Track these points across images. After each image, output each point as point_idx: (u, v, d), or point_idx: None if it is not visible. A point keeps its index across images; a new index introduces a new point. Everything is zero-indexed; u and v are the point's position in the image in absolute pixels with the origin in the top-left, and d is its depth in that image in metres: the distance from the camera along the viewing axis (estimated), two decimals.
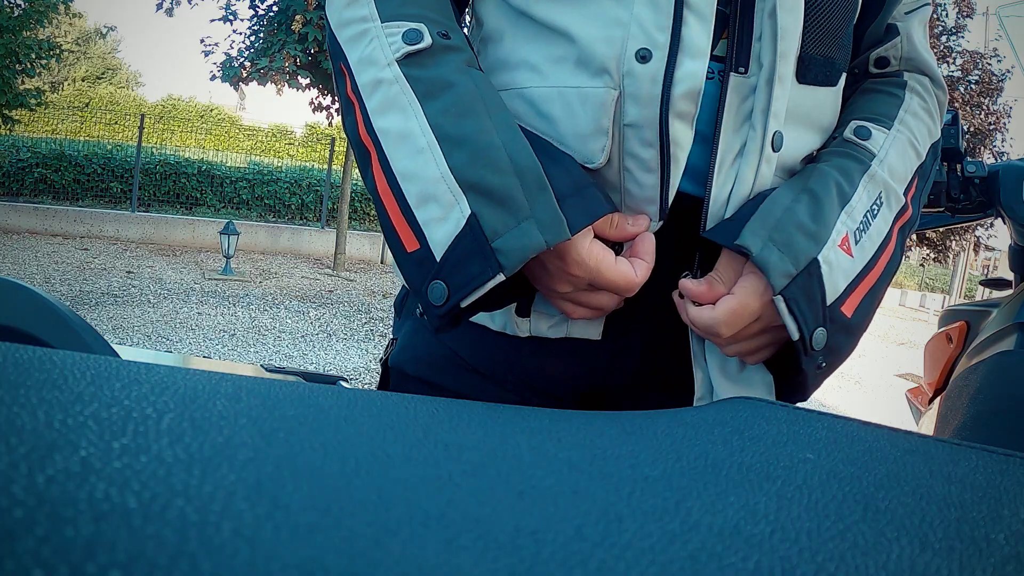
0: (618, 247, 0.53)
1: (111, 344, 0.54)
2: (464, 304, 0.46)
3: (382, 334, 5.38)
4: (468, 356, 0.62)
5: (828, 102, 0.59)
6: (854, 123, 0.60)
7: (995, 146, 11.82)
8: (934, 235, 11.70)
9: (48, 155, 8.95)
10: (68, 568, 0.13)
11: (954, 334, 1.34)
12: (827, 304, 0.51)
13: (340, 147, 9.42)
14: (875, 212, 0.55)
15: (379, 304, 6.56)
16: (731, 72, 0.52)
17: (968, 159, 1.20)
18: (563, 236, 0.46)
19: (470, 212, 0.46)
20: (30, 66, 7.98)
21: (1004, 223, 1.25)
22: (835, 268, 0.51)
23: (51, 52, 8.21)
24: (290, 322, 5.33)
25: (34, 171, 8.83)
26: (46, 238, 7.67)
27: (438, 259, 0.47)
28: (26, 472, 0.17)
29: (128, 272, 6.38)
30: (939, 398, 1.22)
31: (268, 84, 7.79)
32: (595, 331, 0.57)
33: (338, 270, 8.00)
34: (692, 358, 0.56)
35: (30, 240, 7.42)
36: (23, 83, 8.21)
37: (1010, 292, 1.27)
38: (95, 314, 4.79)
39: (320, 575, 0.15)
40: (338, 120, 8.14)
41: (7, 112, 7.96)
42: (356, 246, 9.17)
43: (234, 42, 8.20)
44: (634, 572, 0.18)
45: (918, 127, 0.62)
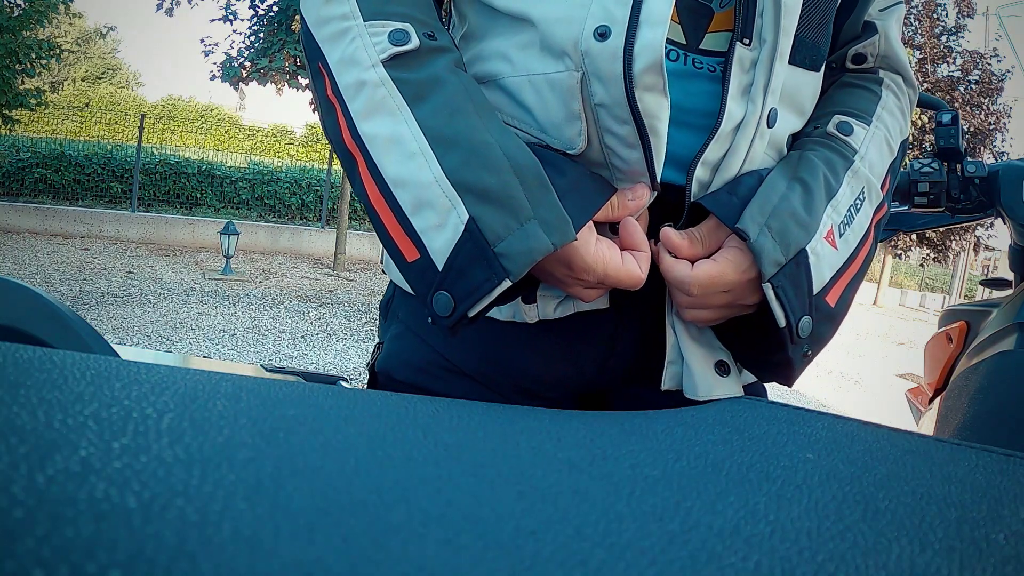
0: (617, 225, 0.53)
1: (111, 344, 0.54)
2: (471, 314, 0.45)
3: None
4: (455, 359, 0.61)
5: (811, 87, 0.59)
6: (836, 117, 0.60)
7: (995, 146, 11.83)
8: (934, 235, 11.71)
9: (48, 155, 8.95)
10: (68, 568, 0.13)
11: (954, 334, 1.34)
12: (813, 293, 0.52)
13: None
14: (858, 207, 0.57)
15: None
16: (737, 42, 0.52)
17: (968, 159, 1.20)
18: (569, 237, 0.45)
19: (468, 216, 0.44)
20: (30, 66, 7.99)
21: (1004, 223, 1.25)
22: (821, 259, 0.52)
23: (51, 52, 8.21)
24: (290, 322, 5.33)
25: (34, 171, 8.83)
26: (46, 238, 7.67)
27: (440, 268, 0.45)
28: (26, 472, 0.17)
29: (128, 272, 6.38)
30: (939, 398, 1.22)
31: (268, 84, 7.81)
32: (603, 301, 0.57)
33: (338, 270, 8.00)
34: (665, 319, 0.56)
35: (30, 240, 7.42)
36: (23, 83, 8.21)
37: (1010, 292, 1.27)
38: (95, 314, 4.79)
39: (320, 575, 0.15)
40: None
41: (7, 112, 7.97)
42: (356, 246, 9.17)
43: (234, 42, 8.20)
44: (634, 572, 0.18)
45: (893, 124, 0.63)
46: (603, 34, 0.48)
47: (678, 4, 0.52)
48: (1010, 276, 1.35)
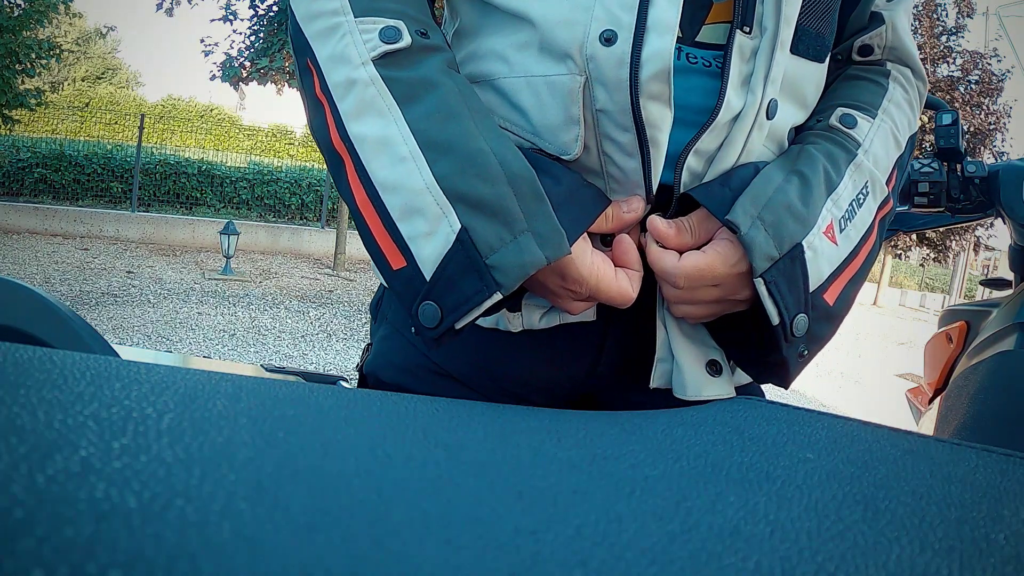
0: (609, 237, 0.52)
1: (111, 344, 0.54)
2: (458, 325, 0.44)
3: None
4: (443, 362, 0.60)
5: (814, 78, 0.57)
6: (840, 110, 0.58)
7: (995, 146, 11.83)
8: (934, 235, 11.71)
9: (48, 155, 8.95)
10: (68, 568, 0.13)
11: (954, 334, 1.34)
12: (809, 290, 0.50)
13: None
14: (860, 202, 0.55)
15: None
16: (737, 30, 0.50)
17: (968, 159, 1.20)
18: (563, 251, 0.44)
19: (460, 226, 0.43)
20: (30, 66, 7.99)
21: (1004, 223, 1.26)
22: (819, 254, 0.50)
23: (51, 52, 8.21)
24: (290, 322, 5.33)
25: (34, 171, 8.83)
26: (46, 238, 7.67)
27: (428, 278, 0.44)
28: (26, 472, 0.17)
29: (128, 272, 6.38)
30: (939, 398, 1.22)
31: (268, 84, 7.81)
32: (590, 313, 0.55)
33: (338, 270, 8.00)
34: (656, 315, 0.55)
35: (30, 240, 7.42)
36: (23, 83, 8.22)
37: (1010, 292, 1.27)
38: (95, 314, 4.79)
39: (320, 575, 0.15)
40: None
41: (7, 112, 7.97)
42: (356, 246, 9.16)
43: (234, 42, 8.21)
44: (634, 572, 0.18)
45: (900, 118, 0.61)
46: (609, 39, 0.47)
47: None
48: (1010, 276, 1.35)
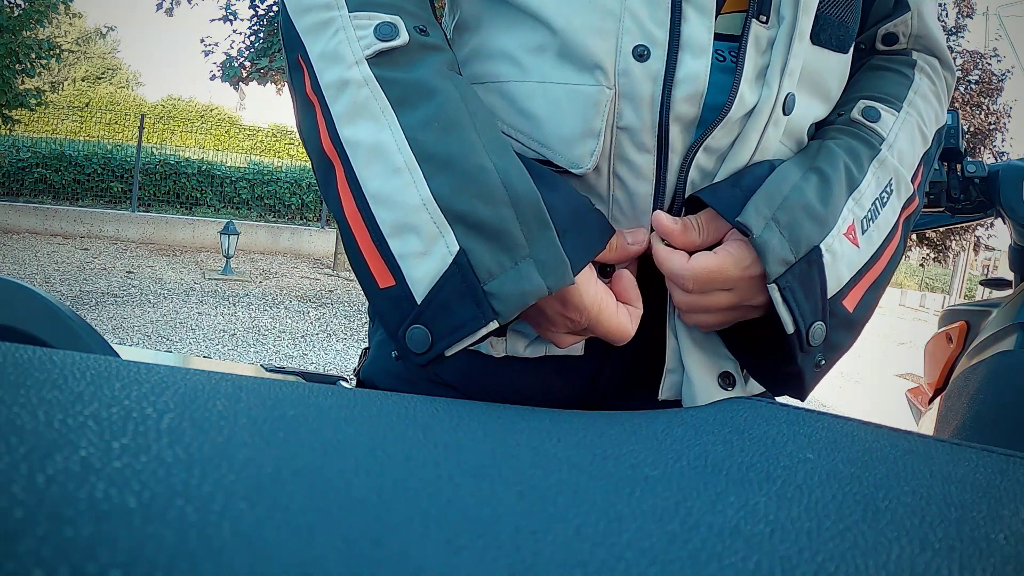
0: (610, 267, 0.49)
1: (111, 344, 0.54)
2: (449, 353, 0.41)
3: None
4: (439, 370, 0.57)
5: (837, 70, 0.54)
6: (862, 103, 0.55)
7: (995, 146, 11.81)
8: (934, 235, 11.70)
9: (48, 155, 8.95)
10: (68, 568, 0.13)
11: (954, 334, 1.34)
12: (827, 296, 0.47)
13: None
14: (884, 200, 0.51)
15: None
16: (752, 19, 0.47)
17: (968, 159, 1.20)
18: (567, 280, 0.41)
19: (459, 248, 0.40)
20: (30, 66, 7.99)
21: (1004, 223, 1.26)
22: (839, 258, 0.47)
23: (51, 52, 8.21)
24: (290, 322, 5.33)
25: (34, 171, 8.83)
26: (46, 238, 7.66)
27: (419, 301, 0.41)
28: (26, 472, 0.17)
29: (128, 272, 6.38)
30: (939, 398, 1.22)
31: (268, 84, 7.81)
32: (578, 347, 0.53)
33: (338, 270, 8.00)
34: (667, 322, 0.52)
35: (30, 240, 7.42)
36: (23, 83, 8.22)
37: (1010, 292, 1.27)
38: (95, 314, 4.79)
39: (320, 575, 0.15)
40: None
41: (7, 112, 7.97)
42: None
43: (234, 42, 8.21)
44: (634, 572, 0.18)
45: (927, 110, 0.58)
46: (642, 55, 0.45)
47: None
48: (1010, 276, 1.35)
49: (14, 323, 0.49)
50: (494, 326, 0.40)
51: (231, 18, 8.01)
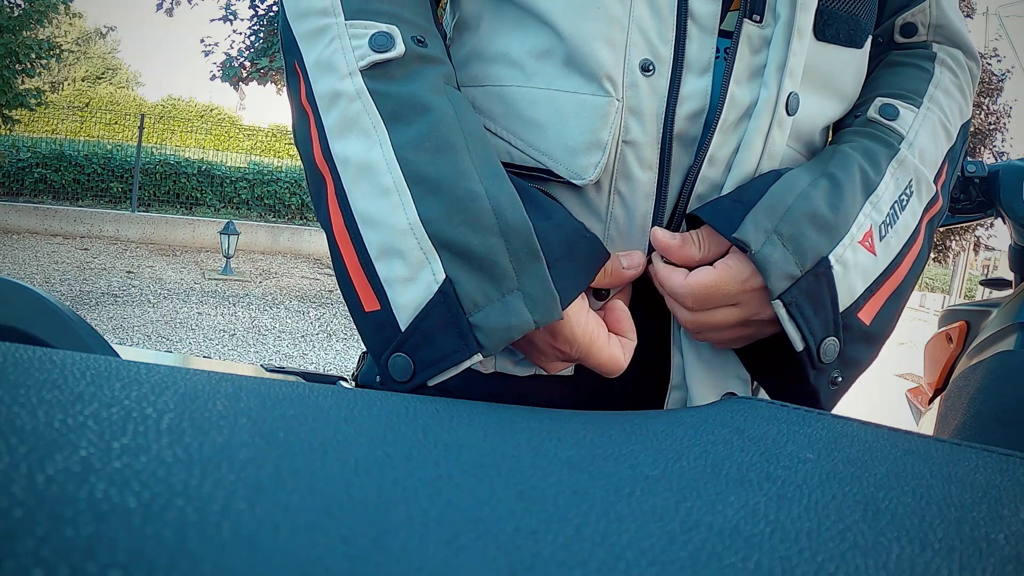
0: (604, 291, 0.48)
1: (111, 344, 0.54)
2: (431, 383, 0.40)
3: None
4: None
5: (851, 66, 0.52)
6: (879, 100, 0.53)
7: (995, 146, 11.81)
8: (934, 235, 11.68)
9: (48, 155, 8.95)
10: (68, 568, 0.13)
11: (954, 334, 1.34)
12: (839, 310, 0.44)
13: None
14: (904, 203, 0.49)
15: None
16: (744, 19, 0.46)
17: (968, 159, 1.20)
18: (554, 316, 0.40)
19: (445, 276, 0.39)
20: (30, 66, 8.00)
21: (1004, 223, 1.26)
22: (851, 268, 0.45)
23: (51, 52, 8.22)
24: (290, 322, 5.33)
25: (34, 171, 8.82)
26: (46, 238, 7.66)
27: (403, 328, 0.40)
28: (26, 472, 0.17)
29: (128, 272, 6.38)
30: (939, 398, 1.22)
31: (268, 84, 7.81)
32: (568, 370, 0.51)
33: None
34: (671, 339, 0.50)
35: (30, 240, 7.42)
36: (23, 83, 8.22)
37: (1010, 292, 1.27)
38: (95, 314, 4.79)
39: (320, 575, 0.15)
40: None
41: (7, 112, 7.98)
42: None
43: (234, 42, 8.23)
44: (634, 572, 0.18)
45: (950, 105, 0.55)
46: (647, 68, 0.45)
47: None
48: (1010, 276, 1.35)
49: (14, 323, 0.49)
50: (478, 359, 0.39)
51: (231, 18, 8.02)
